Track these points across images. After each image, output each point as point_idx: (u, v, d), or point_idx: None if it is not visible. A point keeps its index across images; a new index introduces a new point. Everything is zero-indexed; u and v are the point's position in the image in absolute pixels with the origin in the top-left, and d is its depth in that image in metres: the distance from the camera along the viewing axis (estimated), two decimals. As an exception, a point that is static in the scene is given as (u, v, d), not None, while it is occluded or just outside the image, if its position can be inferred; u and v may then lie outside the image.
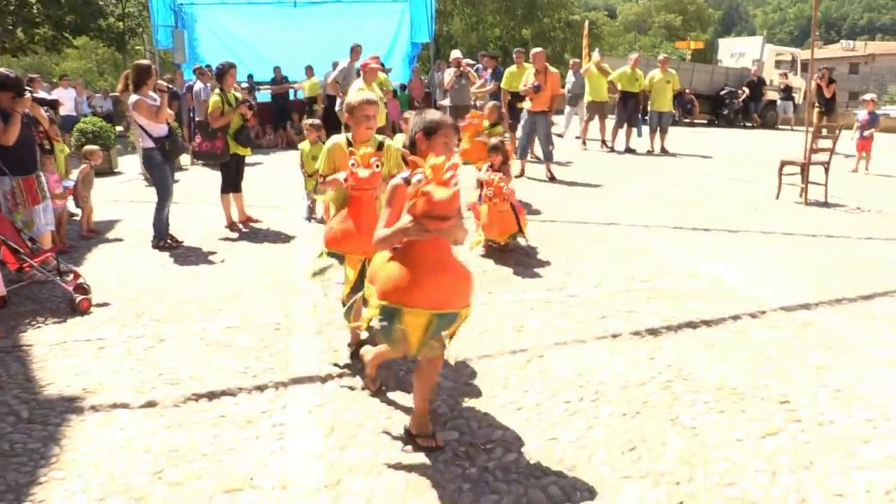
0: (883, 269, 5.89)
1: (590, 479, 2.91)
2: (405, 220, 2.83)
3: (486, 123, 8.87)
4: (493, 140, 6.79)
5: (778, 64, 26.29)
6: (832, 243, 6.84)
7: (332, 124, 11.87)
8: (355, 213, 3.84)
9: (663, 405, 3.54)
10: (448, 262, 2.98)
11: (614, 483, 2.89)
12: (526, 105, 10.60)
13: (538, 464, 3.02)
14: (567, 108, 15.28)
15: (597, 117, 14.17)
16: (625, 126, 13.84)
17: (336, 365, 4.02)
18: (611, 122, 14.45)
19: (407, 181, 2.94)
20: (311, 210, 7.99)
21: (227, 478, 2.93)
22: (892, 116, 29.44)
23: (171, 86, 7.26)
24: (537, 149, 11.44)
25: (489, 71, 13.11)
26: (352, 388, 3.74)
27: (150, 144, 6.47)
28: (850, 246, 6.74)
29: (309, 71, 16.19)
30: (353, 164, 3.72)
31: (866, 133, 12.18)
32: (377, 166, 3.78)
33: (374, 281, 3.04)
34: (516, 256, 6.22)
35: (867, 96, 13.02)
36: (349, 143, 3.99)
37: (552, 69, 10.65)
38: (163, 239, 6.72)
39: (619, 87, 13.64)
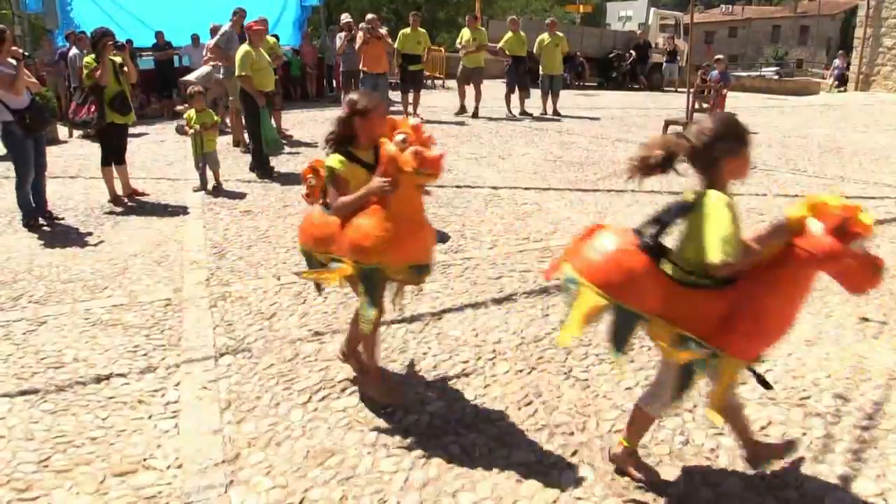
0: (757, 221, 6.26)
1: (488, 436, 2.99)
2: (374, 181, 2.87)
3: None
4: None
5: (663, 28, 27.12)
6: (712, 199, 7.20)
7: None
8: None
9: (557, 360, 3.66)
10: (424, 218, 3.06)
11: (512, 438, 2.98)
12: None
13: (437, 425, 3.08)
14: None
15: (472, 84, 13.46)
16: (517, 90, 13.88)
17: (232, 338, 3.94)
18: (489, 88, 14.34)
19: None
20: (203, 180, 7.70)
21: (118, 461, 2.84)
22: (767, 78, 31.15)
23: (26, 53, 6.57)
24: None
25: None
26: (249, 360, 3.68)
27: (9, 117, 5.92)
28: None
29: (195, 40, 15.45)
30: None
31: (724, 92, 12.72)
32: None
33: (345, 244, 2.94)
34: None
35: (718, 56, 13.62)
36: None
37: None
38: (33, 217, 6.29)
39: (507, 52, 13.67)
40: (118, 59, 6.96)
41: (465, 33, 13.26)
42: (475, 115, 13.30)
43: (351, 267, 2.93)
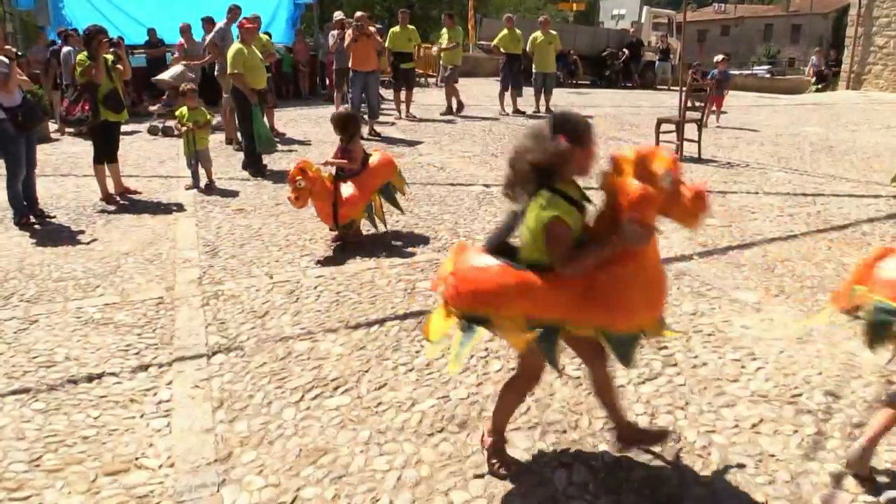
0: (749, 219, 6.29)
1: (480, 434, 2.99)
2: (630, 229, 2.27)
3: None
4: (343, 108, 6.18)
5: (656, 26, 27.15)
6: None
7: (211, 90, 11.40)
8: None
9: (550, 358, 3.66)
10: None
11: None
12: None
13: (430, 423, 3.08)
14: None
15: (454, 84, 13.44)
16: (510, 88, 13.84)
17: (224, 337, 3.93)
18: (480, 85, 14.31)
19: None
20: (195, 178, 7.68)
21: (110, 460, 2.83)
22: (760, 76, 31.25)
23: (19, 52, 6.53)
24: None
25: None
26: (241, 359, 3.67)
27: (1, 115, 5.90)
28: (720, 199, 7.15)
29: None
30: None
31: (725, 91, 12.80)
32: None
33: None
34: (406, 219, 6.22)
35: (718, 57, 13.67)
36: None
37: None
38: (25, 215, 6.27)
39: (502, 49, 13.67)
40: (110, 57, 6.93)
41: (444, 33, 13.34)
42: (459, 110, 13.29)
43: (592, 333, 2.45)
